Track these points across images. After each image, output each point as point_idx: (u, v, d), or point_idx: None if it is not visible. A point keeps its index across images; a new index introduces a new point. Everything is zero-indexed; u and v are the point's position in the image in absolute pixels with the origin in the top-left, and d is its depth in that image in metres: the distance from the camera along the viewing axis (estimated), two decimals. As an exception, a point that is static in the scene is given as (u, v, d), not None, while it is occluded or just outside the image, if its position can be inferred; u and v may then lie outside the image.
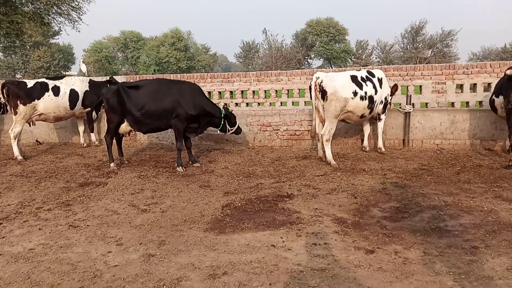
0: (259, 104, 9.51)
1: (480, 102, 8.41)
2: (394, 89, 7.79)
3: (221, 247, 3.96)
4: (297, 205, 5.09)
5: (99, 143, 9.37)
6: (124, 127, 7.09)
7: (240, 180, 6.27)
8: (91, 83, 9.03)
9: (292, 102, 9.43)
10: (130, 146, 9.19)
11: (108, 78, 7.59)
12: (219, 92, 9.60)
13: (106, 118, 7.28)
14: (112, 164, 7.12)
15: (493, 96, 7.06)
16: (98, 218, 4.84)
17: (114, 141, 7.26)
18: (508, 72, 6.35)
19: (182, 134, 6.96)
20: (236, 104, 9.54)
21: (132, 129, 7.20)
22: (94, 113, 9.14)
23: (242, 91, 9.48)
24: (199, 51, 60.46)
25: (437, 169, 6.49)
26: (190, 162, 7.28)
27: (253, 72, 9.54)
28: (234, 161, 7.47)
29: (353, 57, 52.89)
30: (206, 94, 9.49)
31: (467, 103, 8.48)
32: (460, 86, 8.44)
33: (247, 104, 9.52)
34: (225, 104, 8.56)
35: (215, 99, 9.61)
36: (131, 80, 9.56)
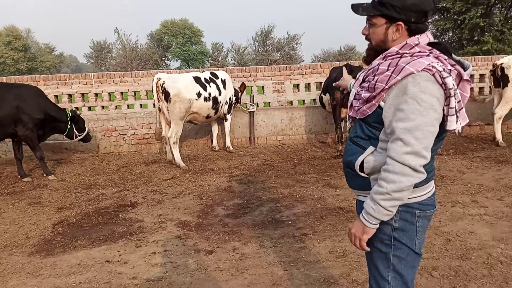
0: (103, 107, 8.87)
1: (314, 100, 9.30)
2: (242, 87, 8.14)
3: (46, 272, 3.51)
4: (140, 214, 4.85)
5: None
6: None
7: (79, 192, 5.73)
8: None
9: (140, 104, 9.04)
10: None
11: None
12: (55, 96, 8.65)
13: None
14: None
15: (321, 94, 7.86)
16: None
17: None
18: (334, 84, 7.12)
19: (36, 141, 6.33)
20: (77, 108, 8.72)
21: None
22: None
23: (82, 94, 8.71)
24: (41, 51, 54.28)
25: (278, 163, 6.94)
26: (19, 177, 6.41)
27: (94, 74, 8.84)
28: (73, 172, 6.82)
29: (210, 58, 53.83)
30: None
31: (303, 101, 9.28)
32: (297, 86, 9.19)
33: (90, 108, 8.80)
34: (76, 108, 7.89)
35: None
36: None
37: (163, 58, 54.55)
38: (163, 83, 6.60)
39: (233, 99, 7.82)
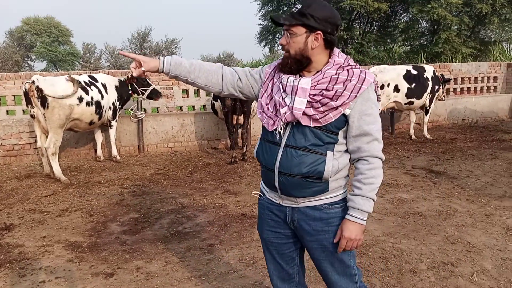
0: (-43, 115, 7.51)
1: (204, 106, 9.24)
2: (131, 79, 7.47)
3: None
4: (19, 237, 4.21)
5: None
6: None
7: None
8: None
9: (7, 111, 7.88)
10: None
11: None
12: None
13: None
14: None
15: (213, 100, 7.85)
16: None
17: None
18: None
19: None
20: None
21: None
22: None
23: None
24: None
25: (172, 172, 6.70)
26: None
27: None
28: None
29: (81, 60, 49.86)
30: None
31: (193, 107, 9.16)
32: (186, 91, 9.03)
33: None
34: None
35: None
36: None
37: (26, 59, 48.79)
38: (39, 86, 5.84)
39: (117, 104, 7.31)
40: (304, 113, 1.85)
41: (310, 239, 1.99)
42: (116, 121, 7.33)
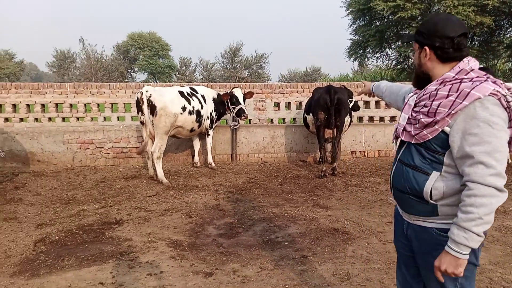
0: (78, 119, 8.51)
1: (294, 119, 9.36)
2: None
3: (34, 295, 3.24)
4: (127, 232, 4.62)
5: None
6: None
7: (57, 208, 5.41)
8: None
9: (118, 117, 8.74)
10: None
11: None
12: (27, 105, 8.23)
13: None
14: None
15: (305, 114, 7.93)
16: None
17: None
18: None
19: None
20: (50, 119, 8.33)
21: None
22: None
23: (56, 104, 8.33)
24: (1, 57, 51.85)
25: (263, 181, 6.88)
26: None
27: (70, 83, 8.49)
28: (49, 186, 6.45)
29: (177, 73, 53.40)
30: (11, 107, 8.03)
31: (284, 119, 9.33)
32: (277, 104, 9.24)
33: (63, 119, 8.41)
34: (49, 118, 7.43)
35: (22, 113, 8.21)
36: None
37: (129, 70, 53.57)
38: (150, 96, 6.43)
39: (214, 114, 7.73)
40: (404, 129, 1.87)
41: (418, 256, 1.96)
42: (212, 130, 7.76)
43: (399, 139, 1.95)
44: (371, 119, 9.25)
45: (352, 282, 3.46)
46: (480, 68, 1.78)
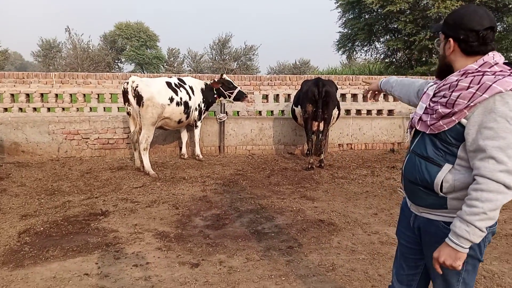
0: (63, 109, 8.39)
1: (282, 111, 9.37)
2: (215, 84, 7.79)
3: (18, 285, 3.22)
4: (113, 223, 4.60)
5: None
6: None
7: (42, 199, 5.35)
8: None
9: (104, 107, 8.65)
10: None
11: None
12: (12, 95, 8.08)
13: None
14: None
15: (293, 106, 7.94)
16: None
17: None
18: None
19: None
20: (35, 109, 8.20)
21: None
22: None
23: (41, 94, 8.20)
24: (-18, 46, 50.61)
25: (250, 173, 6.89)
26: None
27: (55, 73, 8.34)
28: (34, 176, 6.37)
29: (165, 64, 52.88)
30: (-7, 96, 7.88)
31: (272, 112, 9.33)
32: (266, 96, 9.23)
33: (49, 109, 8.28)
34: (34, 108, 7.28)
35: (6, 103, 8.06)
36: None
37: (116, 61, 52.83)
38: (137, 86, 6.36)
39: (202, 106, 7.69)
40: (420, 119, 1.86)
41: (425, 248, 1.96)
42: (201, 122, 7.72)
43: (414, 129, 1.93)
44: (358, 112, 9.31)
45: (337, 273, 3.50)
46: (505, 63, 1.74)
